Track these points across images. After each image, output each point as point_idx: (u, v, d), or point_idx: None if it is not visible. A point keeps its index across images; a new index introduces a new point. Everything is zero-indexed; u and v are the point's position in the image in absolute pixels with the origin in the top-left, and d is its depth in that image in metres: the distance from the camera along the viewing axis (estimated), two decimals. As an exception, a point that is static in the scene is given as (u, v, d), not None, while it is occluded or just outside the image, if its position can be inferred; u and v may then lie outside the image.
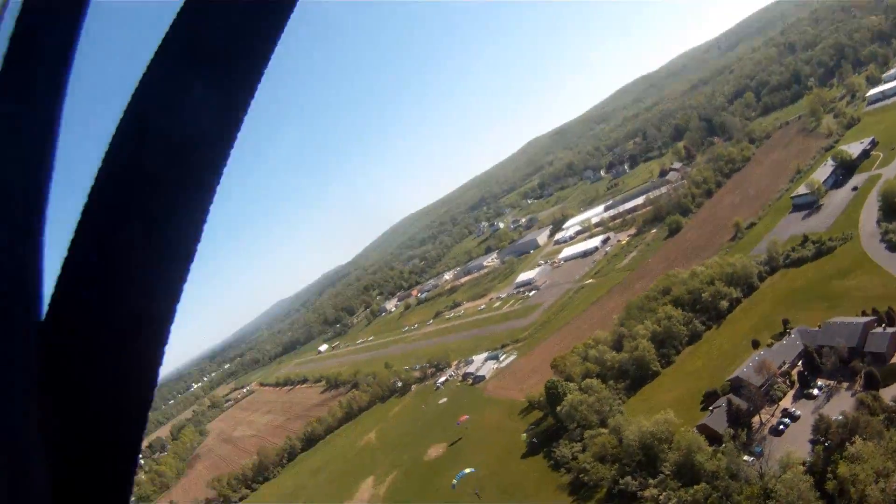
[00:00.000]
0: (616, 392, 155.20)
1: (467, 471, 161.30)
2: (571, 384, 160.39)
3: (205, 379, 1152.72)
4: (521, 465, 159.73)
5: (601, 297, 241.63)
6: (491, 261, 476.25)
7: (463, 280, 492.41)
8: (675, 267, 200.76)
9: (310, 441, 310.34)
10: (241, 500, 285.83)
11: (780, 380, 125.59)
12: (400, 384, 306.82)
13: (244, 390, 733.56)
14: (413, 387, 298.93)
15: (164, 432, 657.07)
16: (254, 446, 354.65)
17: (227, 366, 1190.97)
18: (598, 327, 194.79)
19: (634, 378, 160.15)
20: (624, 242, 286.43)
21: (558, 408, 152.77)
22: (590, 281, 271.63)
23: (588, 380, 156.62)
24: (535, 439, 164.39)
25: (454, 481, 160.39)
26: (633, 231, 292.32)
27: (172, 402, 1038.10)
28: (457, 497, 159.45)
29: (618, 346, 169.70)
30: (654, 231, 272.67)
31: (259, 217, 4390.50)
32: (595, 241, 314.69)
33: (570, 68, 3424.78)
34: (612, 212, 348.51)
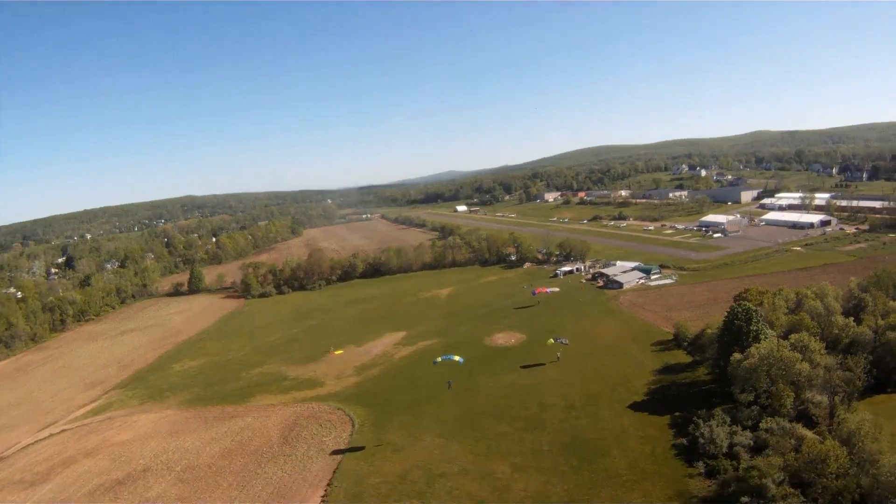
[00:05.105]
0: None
1: (457, 358, 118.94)
2: (770, 331, 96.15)
3: (340, 198, 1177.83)
4: (619, 415, 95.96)
5: (811, 266, 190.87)
6: (678, 195, 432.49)
7: (639, 201, 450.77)
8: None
9: (375, 271, 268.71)
10: (261, 295, 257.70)
11: None
12: (514, 257, 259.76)
13: (364, 216, 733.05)
14: (527, 264, 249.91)
15: (264, 220, 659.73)
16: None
17: (370, 196, 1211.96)
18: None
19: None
20: (850, 232, 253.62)
21: (735, 357, 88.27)
22: (797, 249, 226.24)
23: (802, 335, 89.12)
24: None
25: (438, 359, 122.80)
26: (865, 227, 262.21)
27: (303, 203, 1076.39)
28: (434, 372, 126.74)
29: (854, 316, 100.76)
30: (892, 235, 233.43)
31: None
32: (812, 218, 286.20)
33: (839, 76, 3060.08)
34: (841, 202, 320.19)
